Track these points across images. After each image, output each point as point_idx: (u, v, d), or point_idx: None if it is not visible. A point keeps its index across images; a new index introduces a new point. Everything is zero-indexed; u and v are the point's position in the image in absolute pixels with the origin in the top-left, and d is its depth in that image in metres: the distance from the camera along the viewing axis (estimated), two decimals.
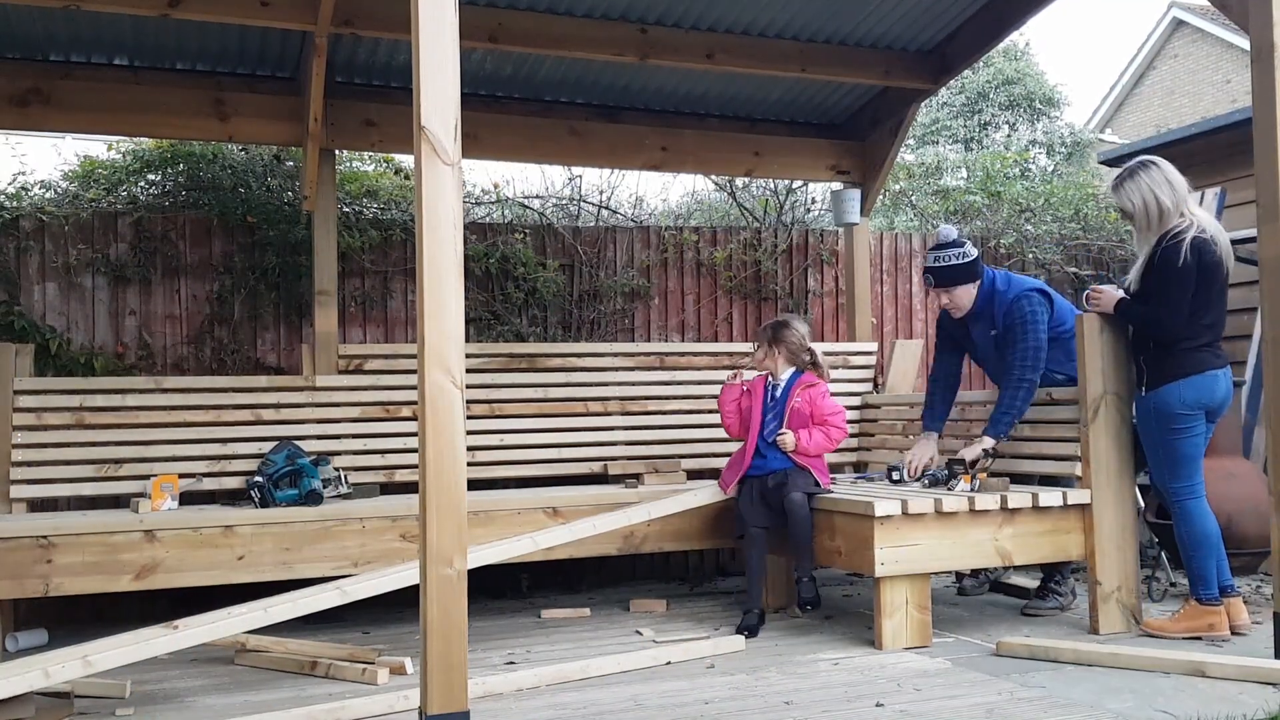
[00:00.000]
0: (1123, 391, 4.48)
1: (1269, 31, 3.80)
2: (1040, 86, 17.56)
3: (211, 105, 5.24)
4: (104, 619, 5.20)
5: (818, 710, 3.43)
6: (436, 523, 2.91)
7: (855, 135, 6.46)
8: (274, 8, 4.58)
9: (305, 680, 3.99)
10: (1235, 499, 5.05)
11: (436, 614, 2.90)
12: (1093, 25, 38.77)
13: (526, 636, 4.68)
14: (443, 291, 2.94)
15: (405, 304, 6.00)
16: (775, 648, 4.36)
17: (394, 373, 5.48)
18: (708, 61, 5.46)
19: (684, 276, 6.59)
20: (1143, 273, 4.35)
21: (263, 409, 5.22)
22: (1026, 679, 3.75)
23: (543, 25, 5.14)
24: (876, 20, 5.58)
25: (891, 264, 7.02)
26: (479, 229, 6.19)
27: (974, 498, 4.35)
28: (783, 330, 4.93)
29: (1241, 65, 16.05)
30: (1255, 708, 3.30)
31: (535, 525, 4.76)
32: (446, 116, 2.96)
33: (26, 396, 4.93)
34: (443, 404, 2.93)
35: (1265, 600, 5.02)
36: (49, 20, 4.88)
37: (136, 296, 5.57)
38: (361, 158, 6.68)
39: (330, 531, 4.58)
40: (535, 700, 3.55)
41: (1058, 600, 4.97)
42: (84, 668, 3.34)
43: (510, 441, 5.59)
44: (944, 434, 5.20)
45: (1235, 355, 6.60)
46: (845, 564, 4.50)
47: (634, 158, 6.10)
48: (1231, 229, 6.56)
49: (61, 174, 6.04)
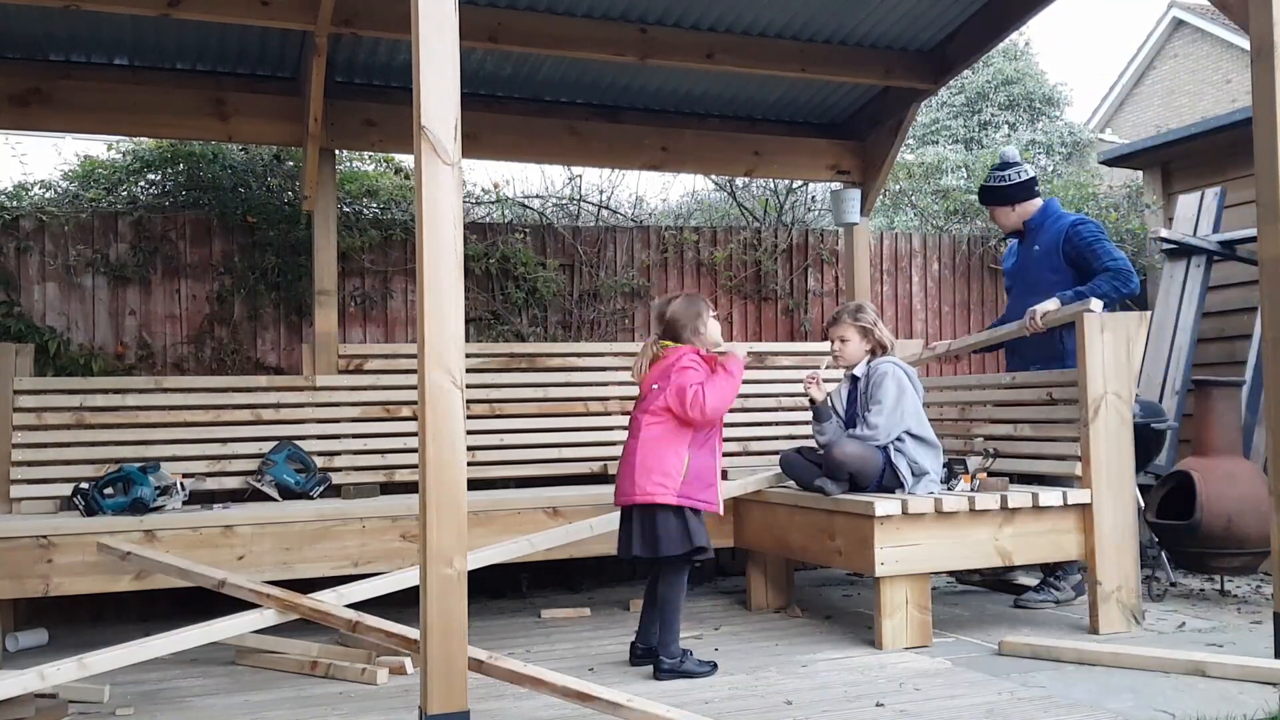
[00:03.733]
0: (1123, 391, 4.48)
1: (1269, 31, 3.80)
2: (1040, 86, 17.54)
3: (211, 105, 5.24)
4: (104, 619, 5.21)
5: (818, 710, 3.43)
6: (436, 523, 2.91)
7: (855, 135, 6.46)
8: (274, 8, 4.58)
9: (305, 680, 3.99)
10: (1235, 499, 5.05)
11: (436, 614, 2.90)
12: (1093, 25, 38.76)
13: (526, 636, 4.68)
14: (443, 291, 2.94)
15: (405, 304, 6.00)
16: (775, 648, 4.36)
17: (394, 373, 5.48)
18: (707, 61, 5.46)
19: (684, 276, 6.59)
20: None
21: (263, 409, 5.23)
22: (1027, 679, 3.75)
23: (543, 25, 5.14)
24: (876, 20, 5.57)
25: (891, 264, 7.01)
26: (479, 229, 6.18)
27: (974, 498, 4.35)
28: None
29: (1241, 65, 16.05)
30: (1255, 708, 3.30)
31: (535, 525, 4.76)
32: (446, 116, 2.96)
33: (26, 396, 4.93)
34: (443, 404, 2.93)
35: (1265, 600, 5.03)
36: (49, 20, 4.88)
37: (136, 296, 5.57)
38: (361, 158, 6.68)
39: (330, 531, 4.58)
40: (535, 700, 3.55)
41: (1052, 595, 5.00)
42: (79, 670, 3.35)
43: (510, 441, 5.59)
44: (944, 435, 5.21)
45: (1235, 355, 6.62)
46: (845, 564, 4.50)
47: (634, 158, 6.10)
48: (1231, 229, 6.59)
49: (61, 174, 6.04)
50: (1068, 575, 5.02)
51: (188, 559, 4.28)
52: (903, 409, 4.52)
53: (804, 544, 4.71)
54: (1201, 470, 5.18)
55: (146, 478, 4.62)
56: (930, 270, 7.12)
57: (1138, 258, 7.37)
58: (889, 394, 4.51)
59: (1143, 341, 4.60)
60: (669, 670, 3.87)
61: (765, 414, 6.03)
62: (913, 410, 4.55)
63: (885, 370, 4.56)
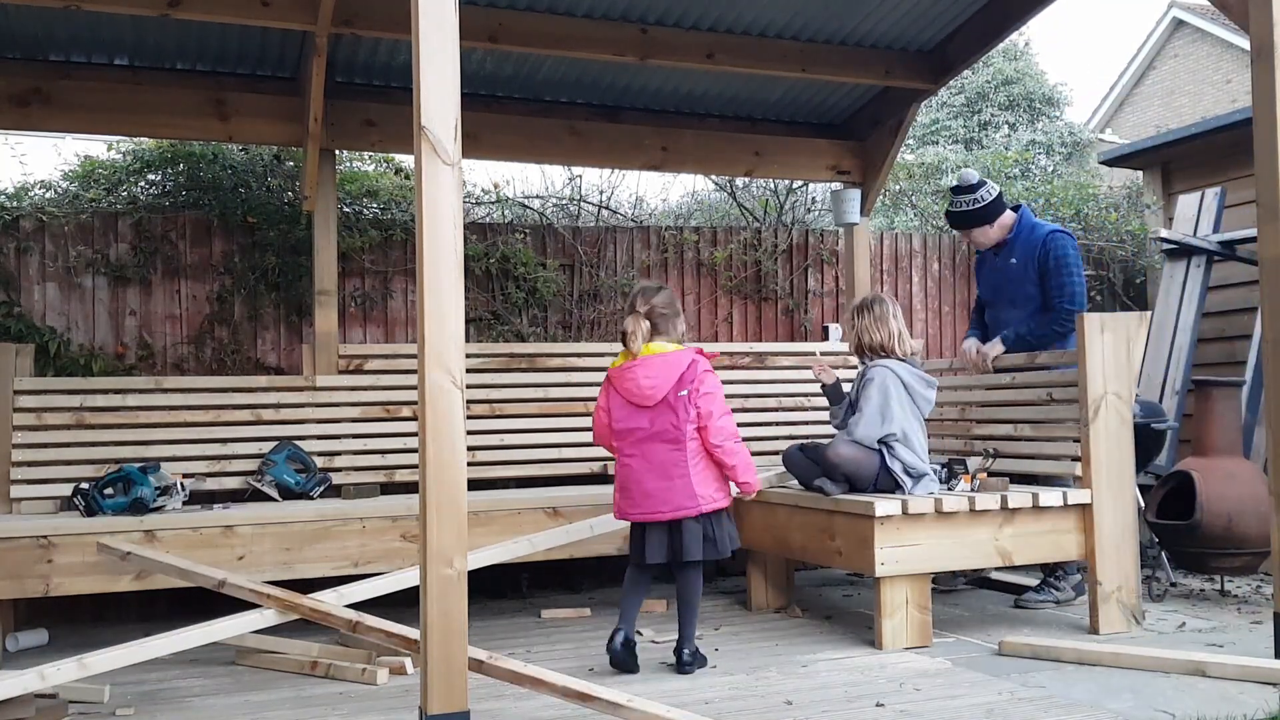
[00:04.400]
0: (1123, 391, 4.48)
1: (1269, 31, 3.80)
2: (1040, 86, 17.55)
3: (212, 105, 5.24)
4: (104, 619, 5.21)
5: (818, 710, 3.43)
6: (436, 523, 2.91)
7: (855, 135, 6.46)
8: (274, 8, 4.58)
9: (305, 680, 3.99)
10: (1235, 499, 5.05)
11: (436, 614, 2.90)
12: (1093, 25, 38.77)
13: (526, 636, 4.68)
14: (443, 291, 2.94)
15: (405, 304, 6.00)
16: (775, 648, 4.36)
17: (394, 373, 5.48)
18: (708, 61, 5.46)
19: (684, 276, 6.59)
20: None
21: (263, 409, 5.23)
22: (1027, 679, 3.75)
23: (543, 25, 5.14)
24: (876, 20, 5.58)
25: (891, 264, 7.01)
26: (479, 229, 6.18)
27: (974, 498, 4.35)
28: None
29: (1241, 65, 16.04)
30: (1255, 708, 3.30)
31: (535, 525, 4.76)
32: (446, 116, 2.96)
33: (26, 396, 4.93)
34: (443, 404, 2.93)
35: (1265, 600, 5.02)
36: (49, 20, 4.88)
37: (136, 297, 5.56)
38: (361, 158, 6.68)
39: (330, 531, 4.59)
40: (535, 700, 3.55)
41: (1053, 595, 5.00)
42: (79, 670, 3.35)
43: (510, 441, 5.59)
44: (944, 435, 5.21)
45: (1235, 355, 6.62)
46: (845, 564, 4.50)
47: (634, 158, 6.10)
48: (1231, 229, 6.59)
49: (61, 174, 6.04)
50: (1068, 575, 5.03)
51: (188, 559, 4.28)
52: (888, 414, 4.48)
53: (804, 544, 4.71)
54: (1201, 470, 5.18)
55: (146, 478, 4.62)
56: (930, 270, 7.12)
57: (1138, 258, 7.37)
58: (870, 401, 4.50)
59: (1143, 341, 4.60)
60: (689, 661, 3.95)
61: (765, 414, 6.04)
62: (900, 415, 4.49)
63: (872, 376, 4.55)
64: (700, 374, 3.92)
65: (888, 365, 4.56)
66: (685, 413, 3.88)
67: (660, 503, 3.89)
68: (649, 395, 3.90)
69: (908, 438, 4.48)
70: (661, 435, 3.89)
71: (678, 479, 3.87)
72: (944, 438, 5.38)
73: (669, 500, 3.88)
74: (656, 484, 3.89)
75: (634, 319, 3.94)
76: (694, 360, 3.94)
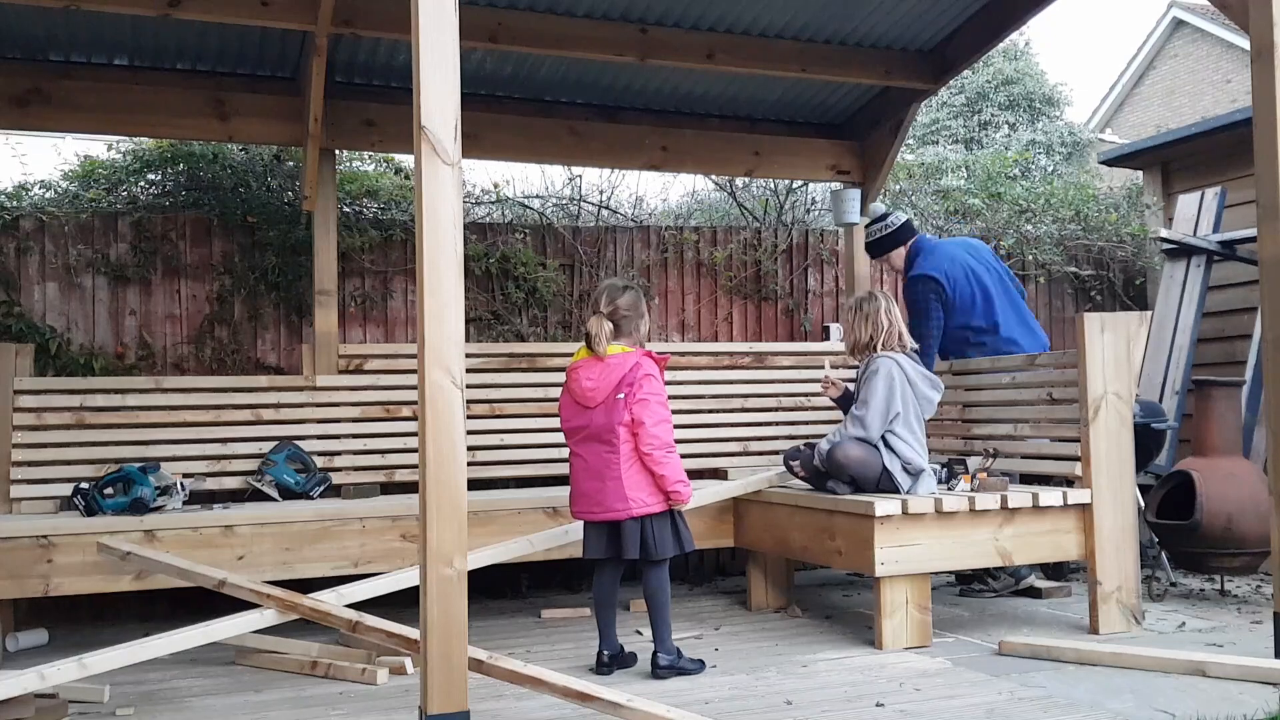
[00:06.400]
0: (1123, 391, 4.48)
1: (1269, 31, 3.80)
2: (1040, 86, 17.56)
3: (211, 105, 5.23)
4: (104, 619, 5.21)
5: (818, 710, 3.43)
6: (436, 523, 2.91)
7: (855, 135, 6.46)
8: (274, 8, 4.58)
9: (305, 680, 3.99)
10: (1235, 499, 5.05)
11: (436, 614, 2.90)
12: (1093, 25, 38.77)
13: (526, 636, 4.68)
14: (443, 291, 2.94)
15: (405, 304, 6.00)
16: (775, 648, 4.36)
17: (394, 373, 5.48)
18: (708, 61, 5.46)
19: (684, 276, 6.59)
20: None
21: (263, 409, 5.23)
22: (1027, 679, 3.75)
23: (543, 25, 5.13)
24: (876, 20, 5.57)
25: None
26: (479, 229, 6.18)
27: (974, 498, 4.35)
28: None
29: (1241, 65, 16.05)
30: (1255, 708, 3.30)
31: (535, 525, 4.76)
32: (446, 116, 2.96)
33: (26, 396, 4.93)
34: (443, 404, 2.93)
35: (1265, 600, 5.02)
36: (49, 20, 4.88)
37: (136, 296, 5.56)
38: (361, 158, 6.68)
39: (330, 531, 4.58)
40: (535, 700, 3.55)
41: (991, 586, 5.25)
42: (79, 670, 3.34)
43: (510, 441, 5.58)
44: (944, 435, 5.20)
45: (1235, 355, 6.62)
46: (845, 564, 4.50)
47: (634, 158, 6.10)
48: (1231, 229, 6.59)
49: (61, 174, 6.04)
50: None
51: (188, 559, 4.27)
52: (893, 406, 4.50)
53: (804, 544, 4.71)
54: (1201, 470, 5.18)
55: (146, 478, 4.62)
56: None
57: (1138, 258, 7.37)
58: (877, 393, 4.51)
59: (1143, 341, 4.60)
60: (667, 667, 3.88)
61: (765, 414, 6.04)
62: (901, 409, 4.51)
63: (877, 367, 4.56)
64: (640, 377, 3.88)
65: (893, 357, 4.58)
66: (619, 415, 3.86)
67: (594, 503, 3.93)
68: (590, 396, 3.92)
69: (910, 428, 4.51)
70: (598, 436, 3.91)
71: (610, 480, 3.87)
72: (944, 438, 5.38)
73: (601, 501, 3.90)
74: (592, 484, 3.92)
75: (597, 320, 3.95)
76: (637, 363, 3.91)
